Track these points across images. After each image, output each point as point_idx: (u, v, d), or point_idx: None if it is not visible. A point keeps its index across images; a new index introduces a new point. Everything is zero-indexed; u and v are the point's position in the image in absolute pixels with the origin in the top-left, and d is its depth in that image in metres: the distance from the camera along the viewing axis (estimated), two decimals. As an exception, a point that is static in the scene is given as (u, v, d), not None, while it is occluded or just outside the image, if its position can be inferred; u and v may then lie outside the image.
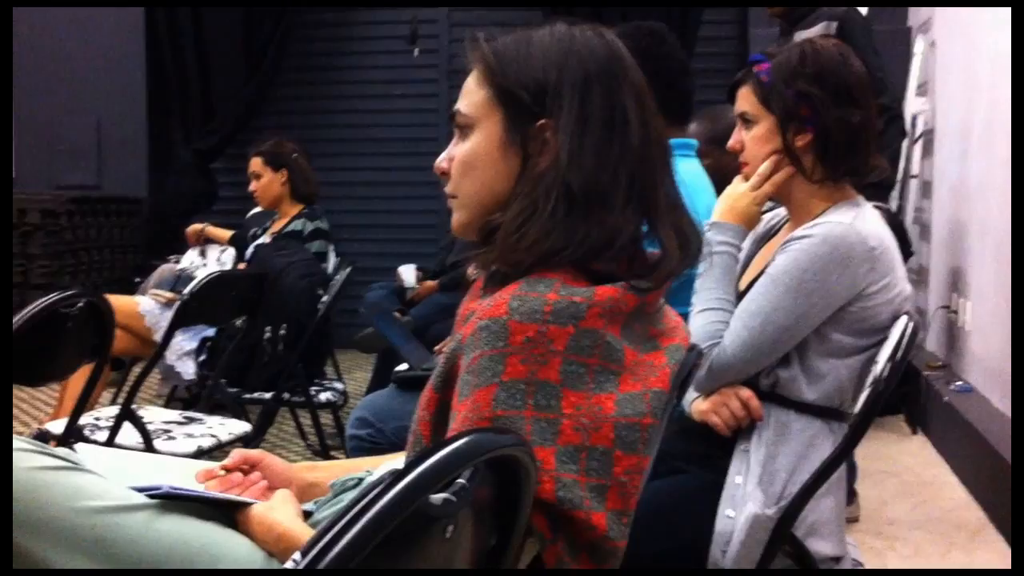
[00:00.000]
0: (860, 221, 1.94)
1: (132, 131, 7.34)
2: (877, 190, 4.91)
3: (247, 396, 3.60)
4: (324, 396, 3.76)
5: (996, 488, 3.55)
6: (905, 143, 5.66)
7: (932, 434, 4.69)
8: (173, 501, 1.35)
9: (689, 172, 2.52)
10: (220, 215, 6.37)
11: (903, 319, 1.92)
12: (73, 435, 2.60)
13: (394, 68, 7.19)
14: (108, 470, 1.48)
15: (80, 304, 2.34)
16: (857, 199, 2.03)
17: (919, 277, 5.78)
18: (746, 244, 2.18)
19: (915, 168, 5.67)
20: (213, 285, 2.94)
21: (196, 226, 4.88)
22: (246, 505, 1.37)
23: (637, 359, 1.30)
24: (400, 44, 7.10)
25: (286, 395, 3.55)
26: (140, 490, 1.38)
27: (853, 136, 1.99)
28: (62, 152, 7.38)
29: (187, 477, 1.58)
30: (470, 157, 1.37)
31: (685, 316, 2.07)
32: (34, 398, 5.37)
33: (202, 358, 3.73)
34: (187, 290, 2.88)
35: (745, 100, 2.06)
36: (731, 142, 2.10)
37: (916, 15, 6.24)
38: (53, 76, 7.36)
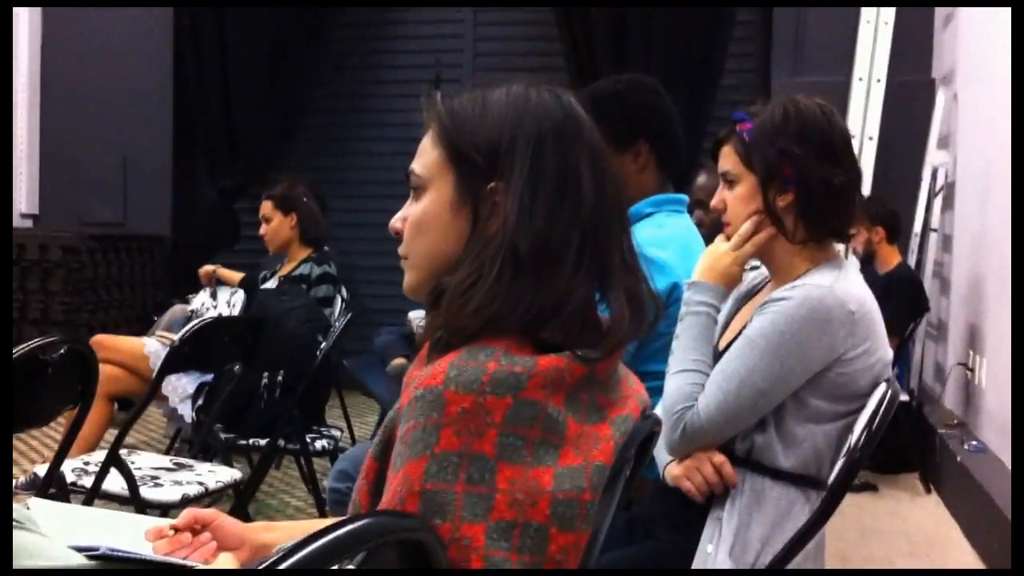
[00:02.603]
0: (840, 283, 1.90)
1: (158, 168, 7.41)
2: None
3: (242, 442, 3.57)
4: (320, 444, 3.74)
5: (1002, 550, 3.46)
6: (924, 196, 5.63)
7: (945, 493, 4.60)
8: (110, 563, 1.33)
9: (679, 227, 2.48)
10: (243, 255, 6.41)
11: (882, 386, 1.87)
12: (54, 483, 2.58)
13: (418, 111, 7.19)
14: (57, 527, 1.47)
15: (62, 350, 2.32)
16: (840, 260, 1.99)
17: (938, 332, 5.71)
18: (728, 303, 2.14)
19: (935, 221, 5.61)
20: (206, 330, 2.92)
21: (208, 267, 4.89)
22: (185, 569, 1.35)
23: (581, 431, 1.26)
24: (423, 74, 7.13)
25: (282, 442, 3.52)
26: (80, 550, 1.36)
27: (835, 196, 1.95)
28: (87, 189, 7.44)
29: (139, 535, 1.57)
30: (422, 218, 1.35)
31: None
32: (38, 437, 5.38)
33: (199, 402, 3.72)
34: (179, 335, 2.87)
35: (727, 159, 2.03)
36: (714, 201, 2.07)
37: (939, 67, 6.20)
38: (80, 112, 7.45)
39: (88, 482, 2.84)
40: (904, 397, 5.19)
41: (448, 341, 1.27)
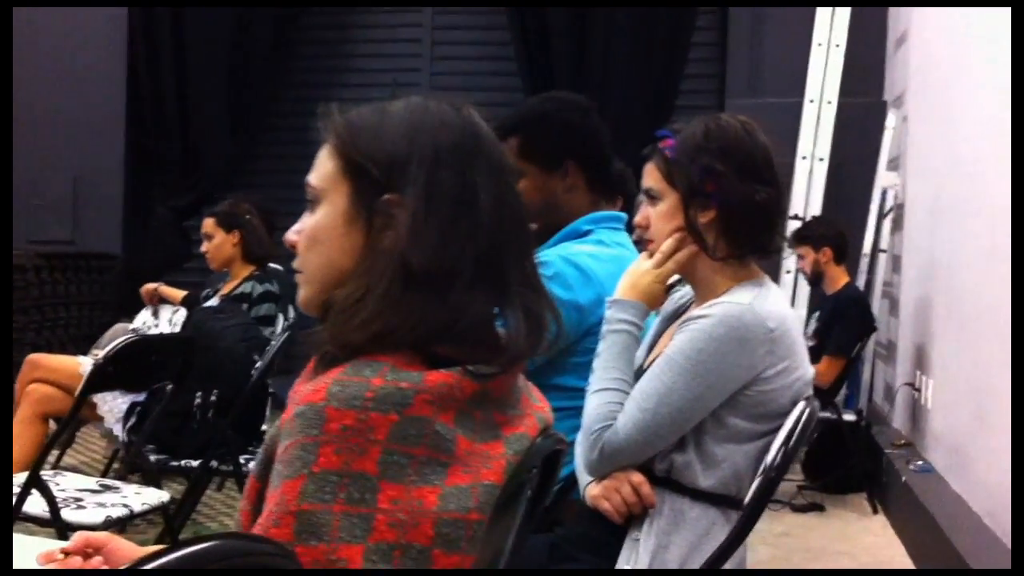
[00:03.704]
0: (760, 301, 1.87)
1: (109, 187, 7.31)
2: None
3: (175, 463, 3.50)
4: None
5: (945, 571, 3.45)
6: (874, 217, 5.65)
7: (891, 514, 4.59)
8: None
9: (616, 244, 2.45)
10: (194, 273, 6.33)
11: (800, 404, 1.84)
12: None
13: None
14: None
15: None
16: (762, 278, 1.97)
17: (887, 353, 5.72)
18: (655, 322, 2.11)
19: (884, 242, 5.62)
20: (132, 348, 2.86)
21: (150, 285, 4.83)
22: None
23: (472, 449, 1.22)
24: (383, 77, 7.13)
25: (215, 463, 3.45)
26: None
27: (758, 213, 1.93)
28: (38, 207, 7.34)
29: (33, 557, 1.52)
30: (316, 231, 1.31)
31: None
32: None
33: (130, 423, 3.65)
34: (102, 354, 2.80)
35: (650, 176, 2.00)
36: (637, 218, 2.04)
37: (891, 89, 6.23)
38: (31, 130, 7.34)
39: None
40: (851, 417, 5.20)
41: (334, 355, 1.24)
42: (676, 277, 2.03)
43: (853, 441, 5.08)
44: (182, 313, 4.55)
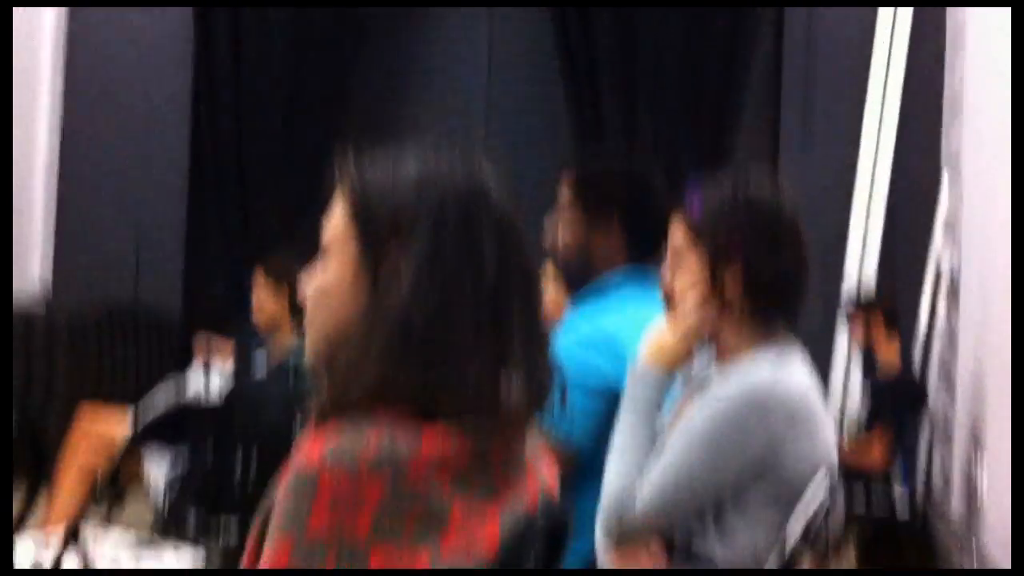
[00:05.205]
0: (782, 374, 1.87)
1: (170, 241, 7.40)
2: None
3: (214, 519, 3.51)
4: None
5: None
6: (929, 289, 5.54)
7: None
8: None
9: (645, 301, 2.44)
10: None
11: (820, 475, 1.81)
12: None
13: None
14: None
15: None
16: (785, 341, 1.95)
17: (946, 434, 5.57)
18: (680, 384, 2.09)
19: (940, 314, 5.52)
20: (174, 414, 2.90)
21: (202, 338, 4.87)
22: None
23: (468, 514, 1.21)
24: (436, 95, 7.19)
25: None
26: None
27: (783, 280, 1.92)
28: (100, 264, 7.46)
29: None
30: (324, 285, 1.33)
31: None
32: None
33: (171, 478, 3.67)
34: (145, 419, 2.84)
35: (676, 231, 2.00)
36: (661, 273, 2.04)
37: (947, 154, 6.15)
38: (95, 187, 7.47)
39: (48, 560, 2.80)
40: (902, 510, 5.04)
41: (330, 411, 1.24)
42: None
43: (910, 542, 4.91)
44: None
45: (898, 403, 4.87)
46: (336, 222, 1.33)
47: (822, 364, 5.77)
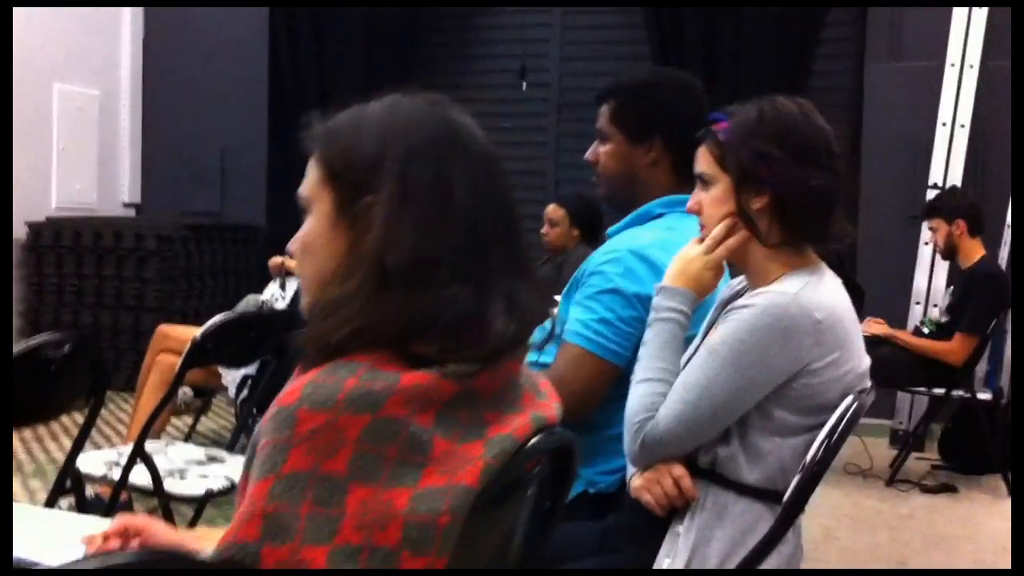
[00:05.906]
0: (809, 291, 1.80)
1: (254, 160, 7.52)
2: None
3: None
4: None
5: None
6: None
7: (1024, 498, 4.38)
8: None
9: (689, 231, 2.40)
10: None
11: (848, 398, 1.78)
12: (70, 476, 2.62)
13: (504, 101, 7.18)
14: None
15: (65, 349, 2.37)
16: (817, 265, 1.90)
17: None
18: (712, 309, 2.06)
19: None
20: (228, 327, 2.95)
21: (277, 259, 4.96)
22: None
23: (450, 450, 1.22)
24: (511, 78, 7.13)
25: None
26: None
27: (813, 199, 1.85)
28: (187, 180, 7.63)
29: (77, 540, 1.60)
30: (307, 238, 1.35)
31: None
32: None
33: (243, 395, 3.77)
34: (199, 332, 2.90)
35: (703, 160, 1.95)
36: (689, 203, 1.99)
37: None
38: (181, 106, 7.63)
39: (116, 474, 2.90)
40: (987, 395, 4.99)
41: (314, 357, 1.26)
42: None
43: (989, 421, 4.88)
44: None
45: (981, 303, 4.75)
46: (310, 179, 1.35)
47: (907, 268, 5.66)
